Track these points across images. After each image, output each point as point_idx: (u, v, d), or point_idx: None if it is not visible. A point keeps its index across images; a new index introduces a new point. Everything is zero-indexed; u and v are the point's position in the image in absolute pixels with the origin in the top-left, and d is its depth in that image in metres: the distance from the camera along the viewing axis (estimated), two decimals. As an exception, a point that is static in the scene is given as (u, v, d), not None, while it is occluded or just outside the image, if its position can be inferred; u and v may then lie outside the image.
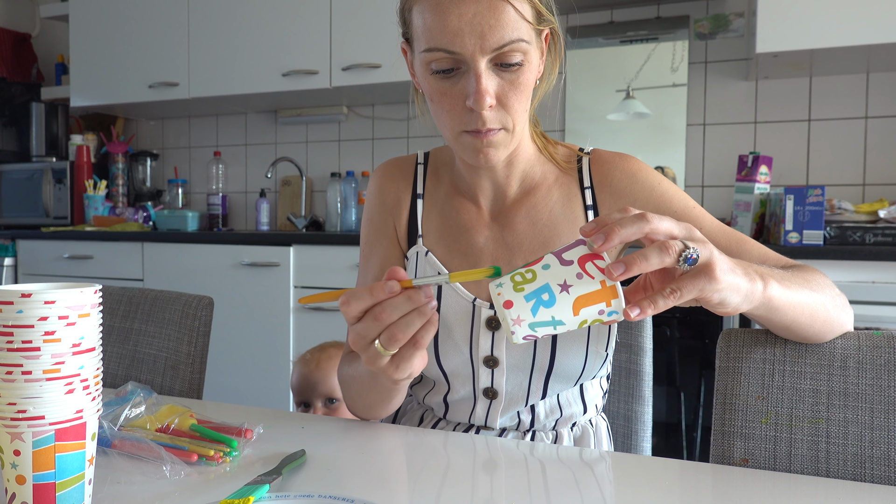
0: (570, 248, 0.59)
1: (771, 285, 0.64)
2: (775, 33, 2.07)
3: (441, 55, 0.75)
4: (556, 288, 0.58)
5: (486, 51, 0.74)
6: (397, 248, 0.96)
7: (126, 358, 1.14)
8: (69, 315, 0.54)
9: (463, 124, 0.78)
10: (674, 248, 0.56)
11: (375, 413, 0.87)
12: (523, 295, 0.59)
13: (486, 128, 0.77)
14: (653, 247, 0.56)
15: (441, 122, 0.81)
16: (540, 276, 0.59)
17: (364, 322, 0.64)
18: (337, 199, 2.93)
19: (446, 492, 0.62)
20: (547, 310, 0.59)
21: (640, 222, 0.56)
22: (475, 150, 0.80)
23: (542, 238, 0.89)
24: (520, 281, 0.59)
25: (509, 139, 0.80)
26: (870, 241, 1.94)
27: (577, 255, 0.59)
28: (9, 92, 3.47)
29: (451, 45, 0.74)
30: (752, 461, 0.76)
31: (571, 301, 0.58)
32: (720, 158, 2.51)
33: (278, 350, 2.48)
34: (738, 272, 0.60)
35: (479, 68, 0.74)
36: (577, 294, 0.58)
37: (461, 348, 0.88)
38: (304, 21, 2.70)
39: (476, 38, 0.73)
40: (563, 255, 0.59)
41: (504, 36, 0.73)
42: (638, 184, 0.88)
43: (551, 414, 0.91)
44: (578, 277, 0.58)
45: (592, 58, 2.63)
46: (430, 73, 0.77)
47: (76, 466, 0.55)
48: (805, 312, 0.70)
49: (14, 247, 2.99)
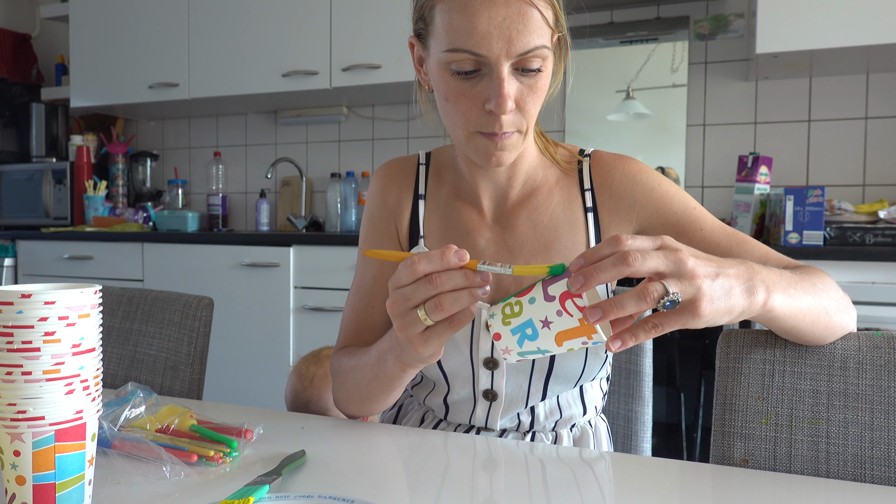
0: (557, 280, 0.61)
1: (774, 297, 0.63)
2: (775, 34, 2.07)
3: (465, 56, 0.74)
4: (539, 324, 0.61)
5: (512, 55, 0.73)
6: (397, 248, 0.96)
7: (126, 358, 1.14)
8: (69, 315, 0.54)
9: (478, 126, 0.78)
10: (652, 295, 0.56)
11: (370, 407, 0.86)
12: (510, 329, 0.63)
13: (503, 131, 0.77)
14: (630, 294, 0.57)
15: (453, 121, 0.80)
16: (525, 310, 0.62)
17: (416, 285, 0.63)
18: (337, 200, 2.93)
19: (446, 492, 0.62)
20: (532, 342, 0.63)
21: (621, 266, 0.56)
22: (487, 152, 0.79)
23: (543, 240, 0.89)
24: (508, 314, 0.63)
25: (521, 142, 0.81)
26: (870, 241, 1.94)
27: (559, 291, 0.60)
28: (9, 92, 3.47)
29: (478, 48, 0.73)
30: (753, 462, 0.76)
31: (553, 335, 0.61)
32: (720, 159, 2.51)
33: (278, 350, 2.48)
34: (735, 293, 0.59)
35: (503, 72, 0.74)
36: (557, 330, 0.61)
37: (461, 349, 0.88)
38: (304, 21, 2.70)
39: (503, 43, 0.72)
40: (548, 290, 0.61)
41: (530, 41, 0.73)
42: (638, 186, 0.88)
43: (551, 415, 0.91)
44: (558, 315, 0.60)
45: (592, 58, 2.63)
46: (450, 74, 0.77)
47: (76, 467, 0.55)
48: (807, 318, 0.69)
49: (14, 247, 2.99)
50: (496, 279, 0.89)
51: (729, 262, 0.61)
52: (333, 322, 2.40)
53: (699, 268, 0.58)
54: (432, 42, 0.78)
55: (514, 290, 0.88)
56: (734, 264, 0.61)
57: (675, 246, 0.59)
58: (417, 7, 0.81)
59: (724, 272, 0.59)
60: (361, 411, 0.88)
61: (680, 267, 0.57)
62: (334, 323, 2.40)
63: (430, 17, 0.78)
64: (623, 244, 0.57)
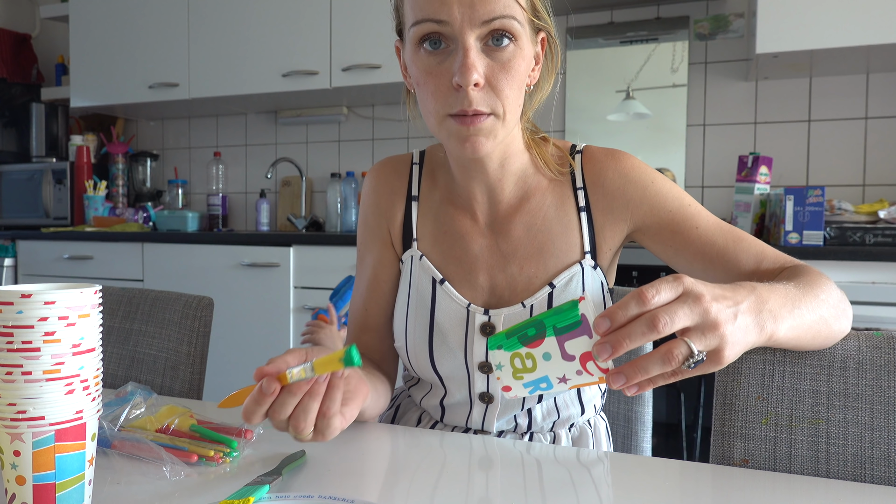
0: (574, 335, 0.58)
1: (779, 327, 0.62)
2: (775, 34, 2.07)
3: (429, 26, 0.73)
4: (555, 380, 0.60)
5: (476, 22, 0.72)
6: (390, 251, 0.95)
7: (126, 358, 1.14)
8: (69, 315, 0.54)
9: (448, 106, 0.75)
10: (677, 358, 0.55)
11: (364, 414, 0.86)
12: (522, 383, 0.61)
13: (472, 108, 0.73)
14: (654, 358, 0.55)
15: (426, 107, 0.78)
16: (540, 366, 0.60)
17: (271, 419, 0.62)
18: (337, 200, 2.93)
19: (444, 491, 0.62)
20: (544, 391, 0.62)
21: (651, 333, 0.54)
22: (461, 137, 0.76)
23: (537, 243, 0.87)
24: (520, 368, 0.61)
25: (498, 127, 0.76)
26: (870, 241, 1.94)
27: (579, 351, 0.58)
28: (9, 92, 3.47)
29: (439, 14, 0.72)
30: (752, 462, 0.76)
31: (568, 387, 0.61)
32: (720, 159, 2.51)
33: (278, 350, 2.48)
34: (750, 330, 0.59)
35: (468, 41, 0.72)
36: (574, 384, 0.61)
37: (455, 353, 0.88)
38: (304, 21, 2.70)
39: (465, 8, 0.71)
40: (566, 347, 0.58)
41: (494, 10, 0.72)
42: (631, 184, 0.86)
43: (548, 416, 0.91)
44: (578, 374, 0.60)
45: (592, 58, 2.63)
46: (420, 53, 0.76)
47: (76, 467, 0.55)
48: (808, 334, 0.69)
49: (14, 247, 2.99)
50: (490, 285, 0.88)
51: (740, 294, 0.59)
52: (333, 322, 2.40)
53: (721, 314, 0.56)
54: (406, 33, 0.78)
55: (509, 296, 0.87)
56: (745, 295, 0.60)
57: (696, 292, 0.56)
58: (394, 6, 0.82)
59: (740, 310, 0.58)
60: None
61: (705, 318, 0.55)
62: (334, 323, 2.40)
63: (402, 9, 0.79)
64: (649, 302, 0.55)
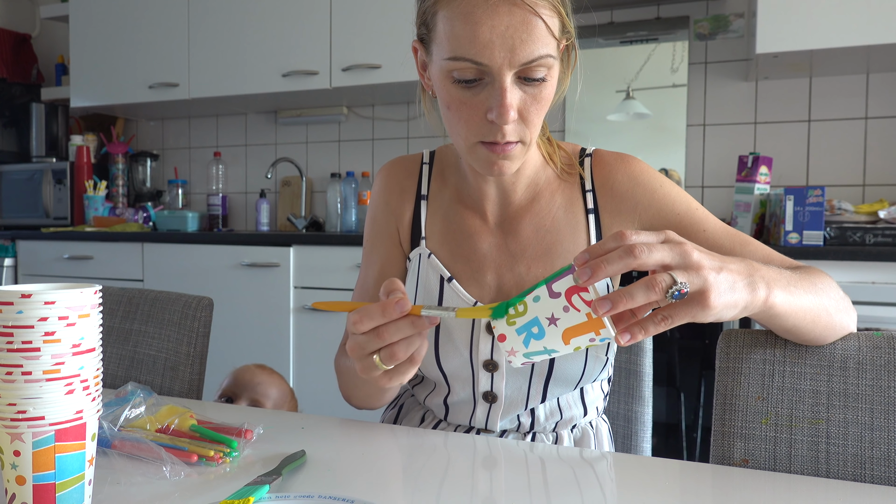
0: (562, 277, 0.60)
1: (775, 293, 0.63)
2: (775, 34, 2.07)
3: (467, 65, 0.73)
4: (545, 321, 0.60)
5: (515, 65, 0.72)
6: (398, 249, 0.96)
7: (126, 358, 1.14)
8: (69, 315, 0.54)
9: (480, 135, 0.77)
10: (660, 284, 0.56)
11: (369, 404, 0.89)
12: (515, 329, 0.62)
13: (505, 140, 0.76)
14: (639, 284, 0.56)
15: (455, 130, 0.79)
16: (530, 309, 0.61)
17: (367, 336, 0.64)
18: (337, 200, 2.92)
19: (446, 492, 0.62)
20: (538, 341, 0.61)
21: (627, 258, 0.56)
22: (489, 162, 0.78)
23: (545, 244, 0.88)
24: (512, 314, 0.62)
25: (524, 153, 0.80)
26: (870, 241, 1.94)
27: (564, 287, 0.59)
28: (9, 92, 3.47)
29: (480, 57, 0.72)
30: (752, 462, 0.76)
31: (560, 333, 0.60)
32: (720, 159, 2.51)
33: (278, 350, 2.48)
34: (738, 287, 0.59)
35: (506, 82, 0.73)
36: (564, 326, 0.60)
37: (461, 351, 0.88)
38: (304, 21, 2.70)
39: (506, 52, 0.71)
40: (552, 287, 0.60)
41: (534, 51, 0.72)
42: (639, 187, 0.88)
43: (551, 416, 0.91)
44: (565, 311, 0.59)
45: (592, 58, 2.63)
46: (451, 82, 0.76)
47: (76, 467, 0.55)
48: (807, 317, 0.69)
49: (14, 247, 2.99)
50: (498, 284, 0.89)
51: (730, 259, 0.61)
52: (333, 322, 2.40)
53: (704, 260, 0.58)
54: (434, 48, 0.77)
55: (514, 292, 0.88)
56: (735, 260, 0.61)
57: (679, 239, 0.59)
58: (420, 12, 0.80)
59: (727, 267, 0.59)
60: (362, 406, 0.91)
61: (686, 259, 0.57)
62: (334, 323, 2.40)
63: (432, 24, 0.77)
64: (628, 238, 0.58)
